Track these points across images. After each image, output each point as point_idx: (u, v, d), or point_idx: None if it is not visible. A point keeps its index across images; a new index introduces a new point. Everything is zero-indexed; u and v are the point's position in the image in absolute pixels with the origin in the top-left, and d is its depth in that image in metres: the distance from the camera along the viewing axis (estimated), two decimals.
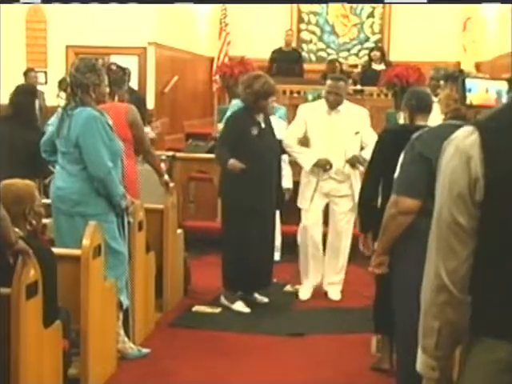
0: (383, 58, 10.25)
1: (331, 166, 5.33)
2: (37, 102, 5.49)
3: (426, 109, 4.01)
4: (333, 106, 5.38)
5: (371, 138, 5.23)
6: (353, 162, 5.37)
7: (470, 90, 2.73)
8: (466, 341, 1.67)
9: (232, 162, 5.08)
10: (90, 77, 4.02)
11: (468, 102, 2.76)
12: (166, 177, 5.12)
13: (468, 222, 1.62)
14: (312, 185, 5.42)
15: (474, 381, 1.65)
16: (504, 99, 2.60)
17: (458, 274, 1.65)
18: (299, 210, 5.57)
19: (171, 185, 5.15)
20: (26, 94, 5.34)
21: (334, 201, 5.45)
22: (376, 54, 10.32)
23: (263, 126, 5.27)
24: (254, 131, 5.22)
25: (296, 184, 5.79)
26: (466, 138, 1.63)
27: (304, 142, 5.49)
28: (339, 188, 5.41)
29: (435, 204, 1.70)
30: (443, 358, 1.71)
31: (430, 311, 1.69)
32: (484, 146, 1.59)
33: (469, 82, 2.74)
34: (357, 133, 5.38)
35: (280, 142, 5.44)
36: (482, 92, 2.72)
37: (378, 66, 10.09)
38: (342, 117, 5.40)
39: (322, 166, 5.34)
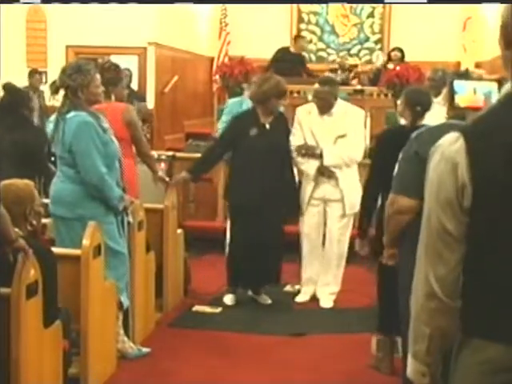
0: (402, 59, 10.17)
1: (331, 173, 5.29)
2: (36, 102, 5.46)
3: (427, 111, 4.02)
4: (321, 110, 5.31)
5: (356, 141, 5.26)
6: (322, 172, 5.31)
7: (457, 92, 2.72)
8: (457, 342, 1.67)
9: (182, 174, 5.40)
10: (77, 78, 3.99)
11: (456, 103, 2.75)
12: (160, 173, 5.07)
13: (456, 228, 1.62)
14: (309, 188, 5.36)
15: (464, 381, 1.65)
16: (494, 100, 2.59)
17: (447, 280, 1.65)
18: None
19: (167, 179, 5.15)
20: (13, 93, 5.24)
21: (330, 205, 5.37)
22: (397, 54, 10.25)
23: (267, 127, 5.27)
24: (253, 132, 5.22)
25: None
26: (451, 144, 1.62)
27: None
28: (333, 192, 5.33)
29: (424, 210, 1.70)
30: (433, 364, 1.71)
31: (421, 317, 1.69)
32: (469, 151, 1.58)
33: (457, 84, 2.73)
34: (342, 136, 5.27)
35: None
36: (470, 93, 2.71)
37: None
38: (335, 119, 5.30)
39: (322, 173, 5.30)
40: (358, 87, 9.55)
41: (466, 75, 3.30)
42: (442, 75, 5.76)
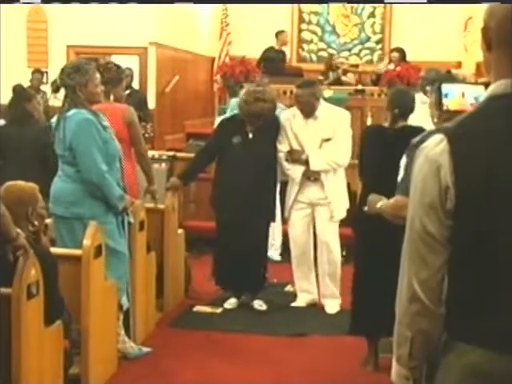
0: (404, 59, 10.16)
1: (317, 175, 5.22)
2: (40, 103, 5.50)
3: (408, 114, 4.08)
4: (305, 114, 5.19)
5: (342, 145, 5.17)
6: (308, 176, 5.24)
7: (446, 95, 2.71)
8: (442, 344, 1.66)
9: (173, 180, 5.46)
10: (75, 77, 4.02)
11: (445, 107, 2.74)
12: (155, 187, 4.95)
13: (439, 231, 1.61)
14: (293, 192, 5.30)
15: (444, 382, 1.65)
16: None
17: (430, 284, 1.63)
18: None
19: (157, 196, 4.99)
20: (18, 92, 5.32)
21: (317, 209, 5.27)
22: (395, 55, 10.23)
23: (250, 136, 5.23)
24: (236, 140, 5.20)
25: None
26: (435, 146, 1.61)
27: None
28: (319, 195, 5.24)
29: (407, 214, 1.69)
30: (417, 368, 1.70)
31: (404, 321, 1.69)
32: (453, 154, 1.57)
33: (445, 88, 2.73)
34: (327, 139, 5.17)
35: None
36: (459, 97, 2.70)
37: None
38: (320, 123, 5.20)
39: (308, 176, 5.23)
40: (359, 87, 9.56)
41: (451, 77, 3.34)
42: (435, 75, 5.79)
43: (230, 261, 5.28)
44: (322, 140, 5.19)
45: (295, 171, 5.26)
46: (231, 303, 5.39)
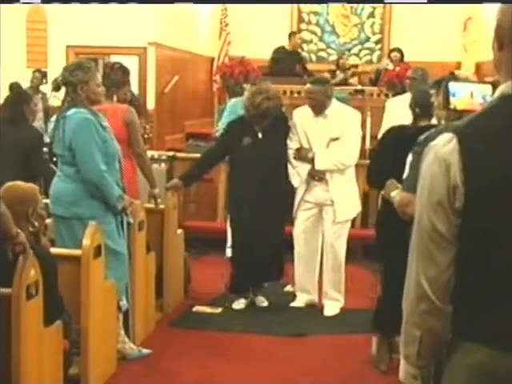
0: (402, 59, 10.18)
1: (322, 175, 5.21)
2: (39, 103, 5.51)
3: (428, 113, 4.04)
4: (314, 110, 5.19)
5: (350, 145, 5.14)
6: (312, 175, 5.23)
7: (454, 95, 2.71)
8: (448, 344, 1.66)
9: (174, 181, 5.44)
10: (77, 74, 4.01)
11: (452, 106, 2.74)
12: (157, 190, 4.92)
13: (448, 229, 1.61)
14: (301, 191, 5.29)
15: (451, 382, 1.65)
16: None
17: (438, 282, 1.63)
18: None
19: (159, 200, 4.95)
20: (15, 91, 5.33)
21: (324, 209, 5.25)
22: (396, 55, 10.27)
23: (260, 135, 5.23)
24: (246, 141, 5.19)
25: None
26: (444, 144, 1.61)
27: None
28: (324, 196, 5.22)
29: (415, 212, 1.69)
30: (425, 367, 1.70)
31: (412, 320, 1.68)
32: (463, 152, 1.57)
33: (453, 87, 2.73)
34: (336, 139, 5.15)
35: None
36: (467, 96, 2.70)
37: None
38: (329, 121, 5.17)
39: (313, 176, 5.22)
40: (359, 87, 9.56)
41: (454, 78, 3.34)
42: (422, 74, 5.81)
43: (247, 266, 5.26)
44: (330, 139, 5.17)
45: (302, 169, 5.26)
46: (241, 303, 5.36)
